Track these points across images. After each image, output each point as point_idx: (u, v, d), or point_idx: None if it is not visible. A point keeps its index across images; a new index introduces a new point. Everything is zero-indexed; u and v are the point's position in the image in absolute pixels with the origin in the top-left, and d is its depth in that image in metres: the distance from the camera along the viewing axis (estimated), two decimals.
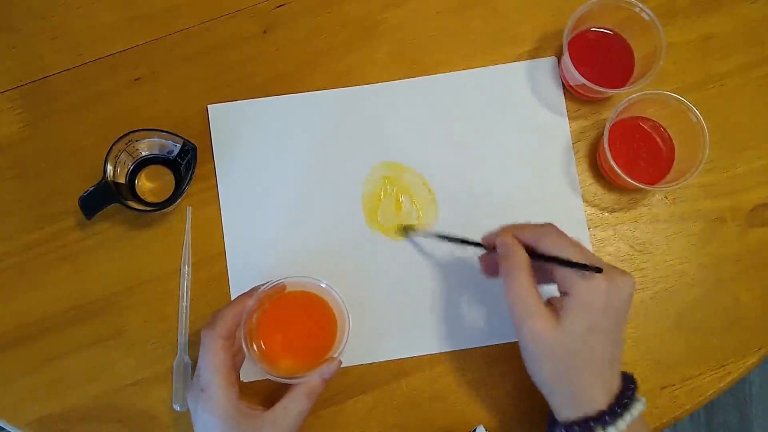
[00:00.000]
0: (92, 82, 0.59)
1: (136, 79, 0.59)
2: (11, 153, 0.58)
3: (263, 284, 0.50)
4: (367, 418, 0.56)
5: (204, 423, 0.46)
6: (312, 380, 0.48)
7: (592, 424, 0.43)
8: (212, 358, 0.46)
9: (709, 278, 0.57)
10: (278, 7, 0.60)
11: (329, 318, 0.52)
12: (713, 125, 0.52)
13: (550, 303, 0.45)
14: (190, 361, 0.56)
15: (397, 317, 0.56)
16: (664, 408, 0.55)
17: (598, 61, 0.57)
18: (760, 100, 0.59)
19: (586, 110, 0.59)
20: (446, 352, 0.56)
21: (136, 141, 0.55)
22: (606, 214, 0.58)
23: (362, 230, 0.57)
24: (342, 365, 0.55)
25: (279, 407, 0.47)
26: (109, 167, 0.53)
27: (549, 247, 0.45)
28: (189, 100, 0.59)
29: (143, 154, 0.57)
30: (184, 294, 0.56)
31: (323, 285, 0.50)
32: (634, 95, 0.53)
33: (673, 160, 0.56)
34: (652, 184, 0.55)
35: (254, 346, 0.50)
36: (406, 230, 0.57)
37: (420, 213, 0.58)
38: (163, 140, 0.56)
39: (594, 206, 0.58)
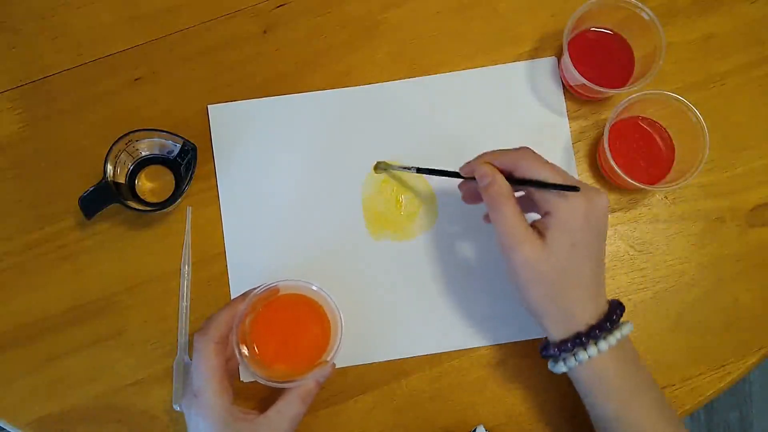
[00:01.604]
0: (92, 82, 0.59)
1: (136, 79, 0.59)
2: (11, 153, 0.58)
3: (256, 288, 0.50)
4: (367, 418, 0.56)
5: (197, 427, 0.46)
6: (306, 384, 0.48)
7: (583, 339, 0.44)
8: (205, 363, 0.46)
9: (709, 278, 0.57)
10: (278, 7, 0.60)
11: (323, 320, 0.52)
12: (713, 125, 0.52)
13: (534, 226, 0.46)
14: (190, 361, 0.55)
15: (396, 317, 0.56)
16: None
17: (598, 61, 0.57)
18: (760, 100, 0.59)
19: (586, 110, 0.59)
20: (446, 352, 0.56)
21: (136, 141, 0.55)
22: None
23: (362, 230, 0.57)
24: (342, 365, 0.56)
25: (273, 411, 0.47)
26: (109, 167, 0.53)
27: (526, 170, 0.46)
28: (189, 100, 0.59)
29: (143, 154, 0.57)
30: (184, 294, 0.56)
31: (315, 288, 0.50)
32: (634, 95, 0.53)
33: (673, 160, 0.56)
34: (652, 184, 0.55)
35: (247, 350, 0.49)
36: (380, 166, 0.57)
37: (422, 206, 0.58)
38: (163, 140, 0.56)
39: None
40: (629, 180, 0.52)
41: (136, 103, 0.59)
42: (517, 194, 0.47)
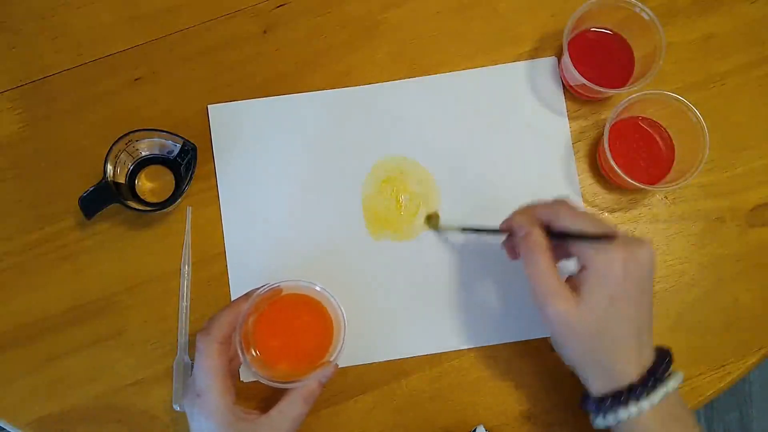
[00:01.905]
0: (92, 82, 0.59)
1: (136, 79, 0.59)
2: (11, 153, 0.58)
3: (259, 288, 0.50)
4: (367, 418, 0.56)
5: (200, 427, 0.46)
6: (309, 384, 0.48)
7: (624, 397, 0.42)
8: (208, 363, 0.46)
9: (709, 278, 0.57)
10: (278, 7, 0.60)
11: (325, 321, 0.51)
12: (713, 125, 0.52)
13: (571, 280, 0.45)
14: (190, 361, 0.56)
15: (397, 317, 0.56)
16: None
17: (598, 61, 0.57)
18: (760, 100, 0.59)
19: (586, 110, 0.59)
20: (446, 352, 0.56)
21: (136, 141, 0.55)
22: (606, 214, 0.58)
23: (362, 230, 0.57)
24: (342, 365, 0.56)
25: (275, 411, 0.47)
26: (109, 167, 0.53)
27: (563, 222, 0.45)
28: (189, 100, 0.59)
29: (143, 154, 0.57)
30: (184, 294, 0.56)
31: (318, 288, 0.50)
32: (634, 95, 0.53)
33: (673, 160, 0.56)
34: (652, 184, 0.55)
35: (250, 350, 0.49)
36: (431, 220, 0.57)
37: (422, 207, 0.58)
38: (163, 140, 0.56)
39: (594, 206, 0.58)
40: (629, 180, 0.52)
41: (136, 103, 0.59)
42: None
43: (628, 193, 0.58)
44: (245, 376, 0.55)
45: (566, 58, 0.55)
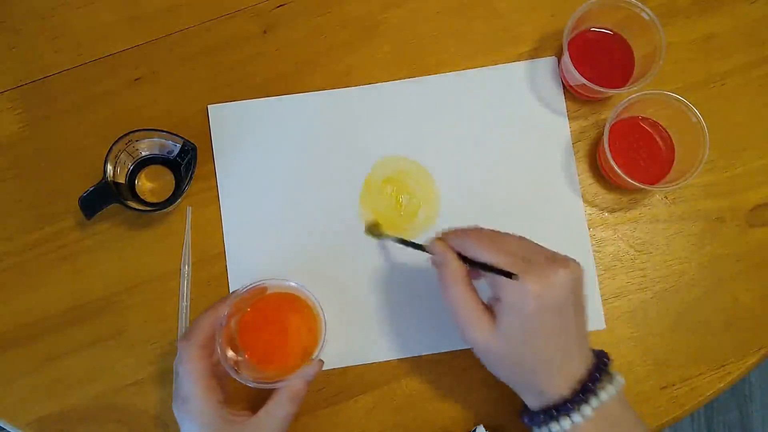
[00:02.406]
0: (92, 82, 0.59)
1: (136, 79, 0.59)
2: (11, 153, 0.58)
3: (239, 289, 0.49)
4: (367, 418, 0.56)
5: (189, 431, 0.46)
6: (294, 384, 0.48)
7: (554, 412, 0.43)
8: (190, 368, 0.46)
9: (709, 278, 0.57)
10: (278, 7, 0.60)
11: (309, 319, 0.51)
12: (713, 125, 0.52)
13: (491, 305, 0.44)
14: None
15: (397, 317, 0.56)
16: (663, 408, 0.55)
17: (598, 61, 0.57)
18: (760, 100, 0.59)
19: (586, 110, 0.59)
20: (446, 352, 0.56)
21: (136, 141, 0.55)
22: (606, 214, 0.58)
23: (362, 230, 0.57)
24: (342, 365, 0.56)
25: (263, 413, 0.47)
26: (109, 167, 0.53)
27: (471, 252, 0.44)
28: (189, 100, 0.59)
29: (143, 154, 0.57)
30: (184, 294, 0.56)
31: (294, 284, 0.50)
32: (634, 95, 0.53)
33: (673, 160, 0.56)
34: (652, 184, 0.55)
35: (235, 352, 0.49)
36: (373, 229, 0.57)
37: (422, 207, 0.58)
38: (163, 140, 0.56)
39: (594, 206, 0.58)
40: (629, 180, 0.52)
41: (136, 103, 0.59)
42: None
43: (628, 193, 0.58)
44: (237, 378, 0.55)
45: (566, 58, 0.55)
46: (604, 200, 0.58)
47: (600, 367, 0.44)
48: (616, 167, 0.52)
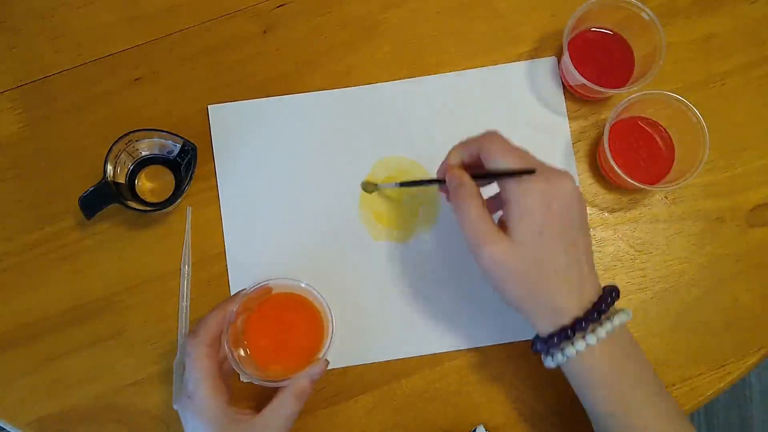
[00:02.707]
0: (92, 82, 0.59)
1: (136, 79, 0.59)
2: (11, 153, 0.58)
3: (246, 288, 0.50)
4: (367, 418, 0.56)
5: (194, 430, 0.46)
6: (300, 382, 0.48)
7: (569, 332, 0.42)
8: (197, 366, 0.46)
9: (709, 278, 0.57)
10: (278, 7, 0.60)
11: (315, 318, 0.51)
12: (713, 125, 0.52)
13: (501, 222, 0.44)
14: None
15: (397, 317, 0.56)
16: None
17: (598, 61, 0.57)
18: (760, 100, 0.59)
19: (586, 110, 0.59)
20: (446, 352, 0.56)
21: (136, 141, 0.55)
22: (606, 213, 0.58)
23: (362, 230, 0.57)
24: (342, 365, 0.56)
25: (268, 410, 0.47)
26: (109, 167, 0.53)
27: (490, 158, 0.44)
28: (189, 100, 0.59)
29: (143, 154, 0.57)
30: (184, 294, 0.56)
31: (304, 285, 0.50)
32: (634, 95, 0.53)
33: (673, 160, 0.56)
34: (652, 184, 0.55)
35: (240, 350, 0.49)
36: (368, 186, 0.57)
37: (422, 207, 0.58)
38: (163, 140, 0.56)
39: (594, 206, 0.58)
40: (629, 180, 0.52)
41: (136, 103, 0.59)
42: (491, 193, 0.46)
43: (628, 193, 0.58)
44: (243, 377, 0.55)
45: (566, 58, 0.55)
46: (604, 200, 0.58)
47: (612, 295, 0.44)
48: (616, 167, 0.52)
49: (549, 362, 0.45)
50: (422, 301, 0.57)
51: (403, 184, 0.54)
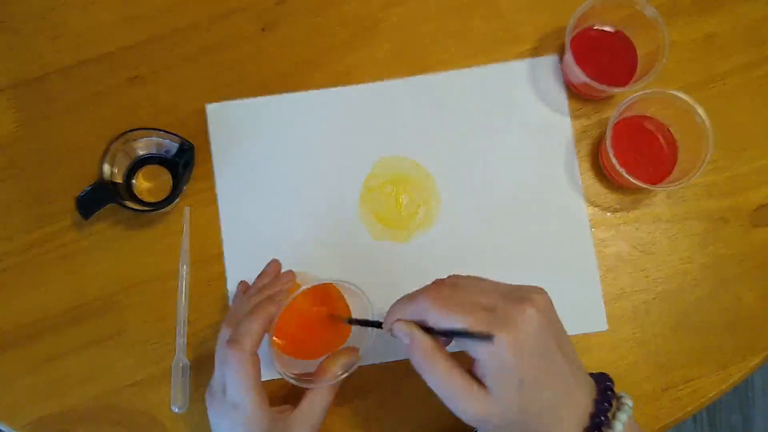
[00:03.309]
0: (90, 81, 0.59)
1: (133, 78, 0.59)
2: (9, 152, 0.58)
3: (276, 287, 0.49)
4: (367, 418, 0.55)
5: None
6: (331, 375, 0.48)
7: None
8: (244, 376, 0.45)
9: (712, 278, 0.57)
10: (277, 5, 0.60)
11: (343, 311, 0.51)
12: (715, 125, 0.52)
13: (470, 373, 0.41)
14: (188, 362, 0.55)
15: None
16: (666, 409, 0.55)
17: (600, 60, 0.57)
18: (762, 100, 0.59)
19: (589, 109, 0.59)
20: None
21: (134, 140, 0.55)
22: (608, 213, 0.58)
23: (362, 230, 0.57)
24: None
25: (305, 404, 0.48)
26: (106, 167, 0.53)
27: (434, 320, 0.41)
28: (187, 99, 0.59)
29: (140, 153, 0.57)
30: (183, 294, 0.56)
31: (337, 281, 0.49)
32: (636, 94, 0.53)
33: (675, 160, 0.56)
34: (655, 183, 0.55)
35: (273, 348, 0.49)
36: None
37: (422, 206, 0.57)
38: (161, 139, 0.56)
39: (596, 206, 0.58)
40: (632, 179, 0.52)
41: (133, 102, 0.59)
42: None
43: (631, 193, 0.58)
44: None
45: (568, 56, 0.55)
46: (607, 200, 0.58)
47: (606, 394, 0.41)
48: (618, 166, 0.52)
49: None
50: None
51: (355, 322, 0.50)
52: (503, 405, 0.39)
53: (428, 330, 0.41)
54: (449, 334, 0.41)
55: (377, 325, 0.46)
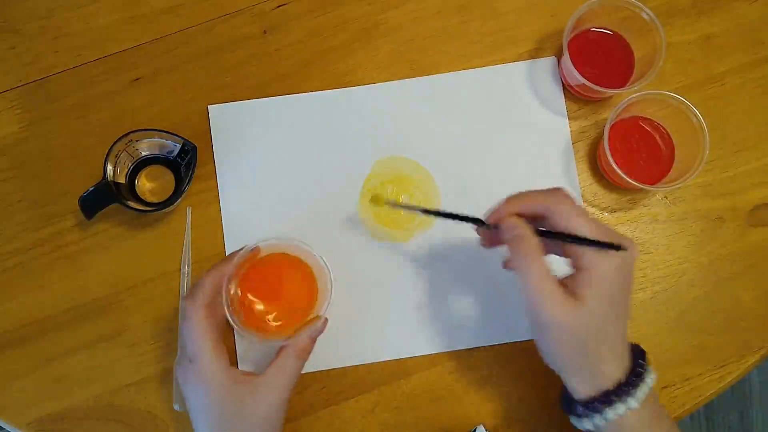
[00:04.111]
0: (92, 82, 0.59)
1: (136, 79, 0.59)
2: (11, 153, 0.58)
3: (240, 249, 0.49)
4: (367, 418, 0.56)
5: (196, 394, 0.46)
6: (301, 340, 0.48)
7: (612, 397, 0.42)
8: (198, 328, 0.46)
9: (709, 278, 0.57)
10: (278, 7, 0.60)
11: (309, 277, 0.51)
12: (713, 125, 0.52)
13: (564, 283, 0.43)
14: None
15: (397, 317, 0.56)
16: (664, 408, 0.55)
17: (598, 61, 0.57)
18: (759, 100, 0.59)
19: (586, 110, 0.59)
20: (446, 352, 0.56)
21: (136, 141, 0.55)
22: (606, 214, 0.58)
23: (362, 230, 0.57)
24: (342, 365, 0.56)
25: (272, 368, 0.47)
26: (109, 167, 0.53)
27: (561, 220, 0.43)
28: (189, 100, 0.59)
29: (143, 154, 0.57)
30: (184, 294, 0.56)
31: (299, 244, 0.50)
32: (634, 95, 0.53)
33: (672, 160, 0.56)
34: (652, 184, 0.55)
35: (238, 312, 0.49)
36: (378, 200, 0.54)
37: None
38: (163, 140, 0.56)
39: (594, 206, 0.58)
40: (629, 180, 0.52)
41: (136, 103, 0.59)
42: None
43: (628, 193, 0.58)
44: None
45: (566, 58, 0.55)
46: (604, 200, 0.58)
47: (642, 356, 0.45)
48: (616, 167, 0.52)
49: (585, 424, 0.44)
50: (422, 302, 0.57)
51: (428, 212, 0.49)
52: (587, 317, 0.42)
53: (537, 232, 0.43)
54: (567, 238, 0.42)
55: (474, 221, 0.46)
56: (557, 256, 0.45)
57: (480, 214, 0.47)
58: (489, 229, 0.46)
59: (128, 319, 0.56)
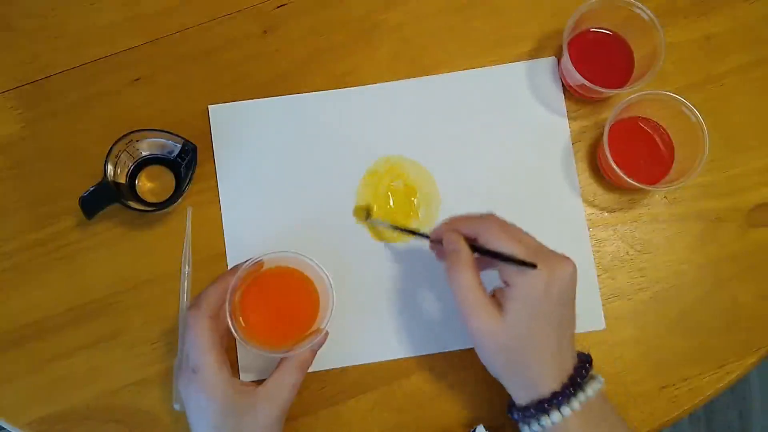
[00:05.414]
0: (92, 82, 0.59)
1: (136, 79, 0.59)
2: (11, 153, 0.58)
3: (244, 262, 0.49)
4: (367, 418, 0.56)
5: (198, 404, 0.46)
6: (302, 353, 0.48)
7: (546, 405, 0.44)
8: (201, 338, 0.46)
9: (709, 278, 0.57)
10: (278, 7, 0.60)
11: (310, 290, 0.51)
12: (713, 125, 0.52)
13: (494, 295, 0.46)
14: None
15: (397, 317, 0.56)
16: (663, 408, 0.55)
17: (597, 62, 0.57)
18: (759, 100, 0.59)
19: (586, 110, 0.59)
20: (446, 352, 0.56)
21: (137, 141, 0.55)
22: (606, 214, 0.58)
23: (362, 230, 0.57)
24: (342, 365, 0.56)
25: (272, 381, 0.48)
26: (110, 167, 0.53)
27: (488, 241, 0.45)
28: (189, 100, 0.59)
29: (143, 154, 0.57)
30: (185, 294, 0.56)
31: (301, 258, 0.50)
32: (633, 95, 0.53)
33: (672, 160, 0.56)
34: (652, 184, 0.55)
35: (240, 324, 0.49)
36: (361, 212, 0.57)
37: (422, 207, 0.58)
38: (164, 140, 0.56)
39: (594, 206, 0.58)
40: (629, 180, 0.52)
41: (136, 103, 0.59)
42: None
43: (628, 193, 0.58)
44: (245, 376, 0.55)
45: (566, 58, 0.55)
46: (604, 200, 0.58)
47: (585, 366, 0.46)
48: (615, 167, 0.52)
49: (525, 430, 0.46)
50: (423, 301, 0.57)
51: (395, 228, 0.55)
52: (510, 328, 0.44)
53: (472, 249, 0.46)
54: (495, 256, 0.45)
55: (423, 235, 0.51)
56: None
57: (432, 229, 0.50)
58: (435, 243, 0.50)
59: (128, 320, 0.56)
